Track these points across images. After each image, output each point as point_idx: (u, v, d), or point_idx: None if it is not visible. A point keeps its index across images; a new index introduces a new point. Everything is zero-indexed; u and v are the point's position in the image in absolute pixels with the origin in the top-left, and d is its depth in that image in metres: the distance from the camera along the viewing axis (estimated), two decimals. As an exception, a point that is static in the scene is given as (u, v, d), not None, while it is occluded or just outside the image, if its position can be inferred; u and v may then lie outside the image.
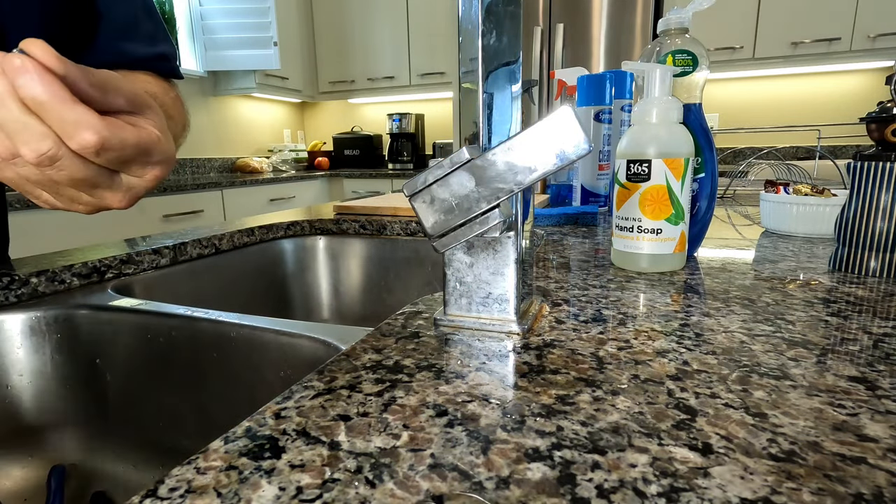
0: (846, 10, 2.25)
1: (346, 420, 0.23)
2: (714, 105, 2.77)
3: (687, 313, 0.37)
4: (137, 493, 0.19)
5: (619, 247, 0.50)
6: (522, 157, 0.29)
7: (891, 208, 0.44)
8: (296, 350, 0.43)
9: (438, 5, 3.02)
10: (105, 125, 0.28)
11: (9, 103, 0.26)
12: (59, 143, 0.27)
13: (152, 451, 0.52)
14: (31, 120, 0.27)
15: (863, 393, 0.25)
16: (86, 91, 0.27)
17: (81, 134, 0.27)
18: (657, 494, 0.18)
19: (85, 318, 0.52)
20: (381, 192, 2.81)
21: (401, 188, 0.38)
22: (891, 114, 0.47)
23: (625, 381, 0.27)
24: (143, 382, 0.51)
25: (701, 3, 0.48)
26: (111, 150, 0.29)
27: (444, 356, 0.30)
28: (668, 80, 0.47)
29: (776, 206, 0.68)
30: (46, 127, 0.27)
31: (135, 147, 0.30)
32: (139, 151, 0.30)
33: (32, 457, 0.51)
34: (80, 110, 0.27)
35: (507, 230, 0.33)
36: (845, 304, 0.39)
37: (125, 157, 0.30)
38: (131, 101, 0.30)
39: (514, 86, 0.35)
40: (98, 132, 0.27)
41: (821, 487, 0.18)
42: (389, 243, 0.87)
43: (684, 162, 0.46)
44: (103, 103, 0.29)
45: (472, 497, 0.18)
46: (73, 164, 0.29)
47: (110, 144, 0.28)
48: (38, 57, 0.25)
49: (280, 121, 3.60)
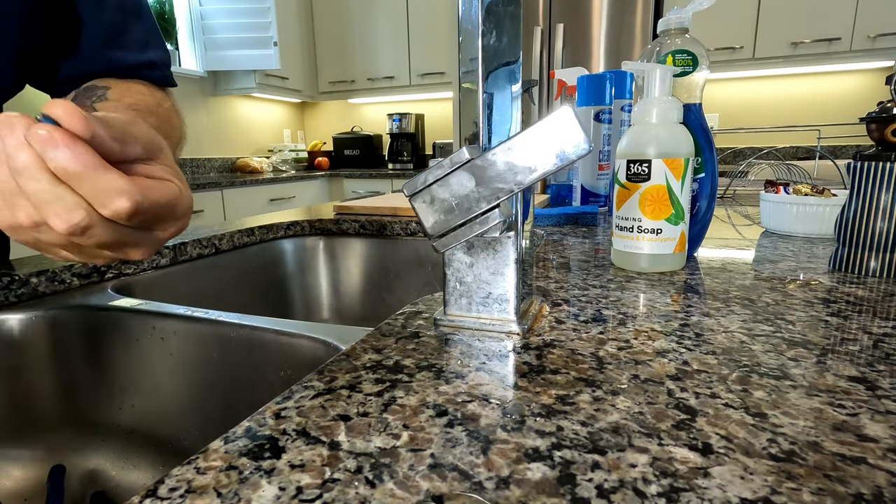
0: (846, 10, 2.25)
1: (346, 420, 0.23)
2: (714, 105, 2.77)
3: (687, 313, 0.37)
4: (137, 493, 0.19)
5: (619, 247, 0.50)
6: (522, 157, 0.29)
7: (891, 208, 0.44)
8: (296, 350, 0.43)
9: (438, 5, 3.02)
10: (137, 188, 0.27)
11: (38, 175, 0.25)
12: (92, 212, 0.26)
13: (152, 451, 0.52)
14: (63, 191, 0.25)
15: (863, 393, 0.25)
16: (109, 147, 0.26)
17: (115, 201, 0.26)
18: (657, 494, 0.18)
19: (85, 318, 0.52)
20: (381, 192, 2.82)
21: (401, 188, 0.38)
22: (891, 114, 0.47)
23: (625, 381, 0.27)
24: (143, 382, 0.51)
25: (701, 3, 0.48)
26: (143, 213, 0.28)
27: (444, 356, 0.30)
28: (668, 80, 0.47)
29: (776, 206, 0.68)
30: (78, 197, 0.26)
31: (163, 206, 0.29)
32: (167, 209, 0.29)
33: (32, 457, 0.51)
34: (112, 176, 0.26)
35: (507, 230, 0.33)
36: (845, 304, 0.39)
37: (155, 217, 0.29)
38: (146, 147, 0.29)
39: (514, 86, 0.35)
40: (132, 198, 0.26)
41: (821, 487, 0.18)
42: (389, 243, 0.87)
43: (684, 162, 0.46)
44: (121, 155, 0.28)
45: (472, 497, 0.18)
46: (105, 230, 0.27)
47: (142, 208, 0.27)
48: (63, 122, 0.24)
49: (280, 121, 3.60)
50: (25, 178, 0.25)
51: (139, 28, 0.55)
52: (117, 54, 0.52)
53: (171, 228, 0.32)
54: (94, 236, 0.27)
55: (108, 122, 0.26)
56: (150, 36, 0.56)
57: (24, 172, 0.25)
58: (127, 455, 0.52)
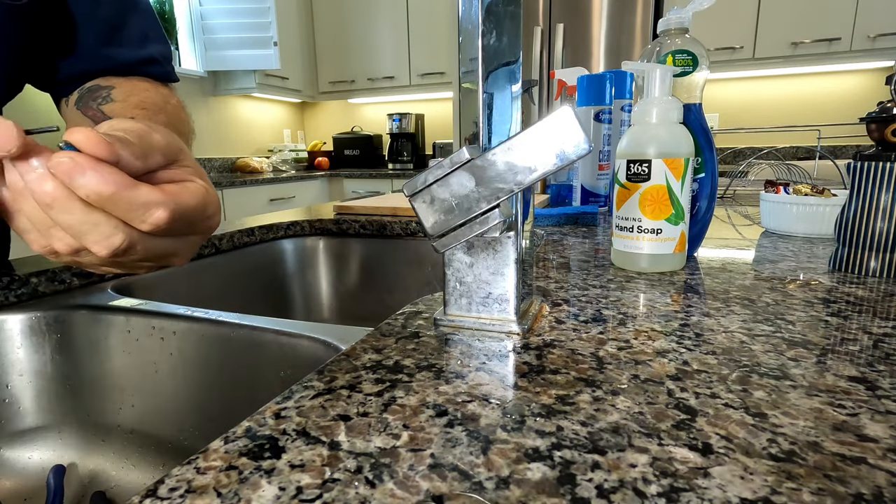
0: (846, 10, 2.25)
1: (346, 420, 0.23)
2: (714, 105, 2.77)
3: (687, 313, 0.37)
4: (137, 493, 0.19)
5: (619, 247, 0.50)
6: (522, 157, 0.29)
7: (891, 208, 0.44)
8: (296, 350, 0.43)
9: (438, 5, 3.02)
10: (168, 196, 0.26)
11: (69, 207, 0.24)
12: (130, 231, 0.26)
13: (152, 451, 0.52)
14: (98, 217, 0.25)
15: (863, 393, 0.25)
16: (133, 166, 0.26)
17: (152, 215, 0.25)
18: (657, 494, 0.18)
19: (85, 318, 0.52)
20: (381, 192, 2.82)
21: (401, 188, 0.38)
22: (891, 114, 0.47)
23: (625, 381, 0.27)
24: (143, 382, 0.51)
25: (701, 3, 0.48)
26: (179, 220, 0.27)
27: (444, 356, 0.30)
28: (668, 80, 0.47)
29: (776, 206, 0.68)
30: (115, 220, 0.25)
31: (194, 209, 0.28)
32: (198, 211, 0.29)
33: (32, 457, 0.51)
34: (143, 192, 0.25)
35: (507, 230, 0.33)
36: (845, 304, 0.39)
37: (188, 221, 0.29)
38: (165, 153, 0.29)
39: (514, 86, 0.35)
40: (167, 207, 0.26)
41: (821, 487, 0.18)
42: (389, 243, 0.87)
43: (684, 162, 0.46)
44: (145, 169, 0.27)
45: (472, 497, 0.18)
46: (144, 244, 0.27)
47: (178, 215, 0.27)
48: (86, 148, 0.23)
49: (280, 121, 3.60)
50: (57, 212, 0.24)
51: (137, 22, 0.54)
52: (115, 51, 0.52)
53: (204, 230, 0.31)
54: (135, 253, 0.27)
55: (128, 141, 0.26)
56: (149, 30, 0.55)
57: (55, 205, 0.24)
58: (127, 455, 0.52)
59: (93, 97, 0.48)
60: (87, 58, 0.51)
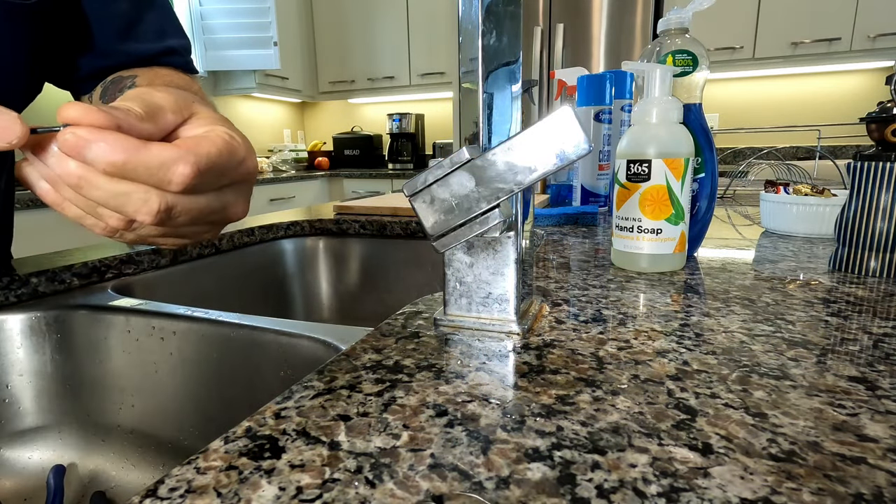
0: (846, 10, 2.25)
1: (346, 420, 0.23)
2: (714, 105, 2.77)
3: (687, 313, 0.37)
4: (137, 493, 0.19)
5: (619, 247, 0.50)
6: (522, 157, 0.29)
7: (891, 208, 0.44)
8: (296, 350, 0.43)
9: (438, 5, 3.02)
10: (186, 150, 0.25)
11: (97, 182, 0.24)
12: (163, 194, 0.25)
13: (152, 451, 0.52)
14: (126, 186, 0.25)
15: (863, 393, 0.25)
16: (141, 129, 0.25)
17: (175, 172, 0.25)
18: (657, 494, 0.18)
19: (85, 318, 0.52)
20: (381, 192, 2.82)
21: (401, 188, 0.38)
22: (891, 114, 0.47)
23: (625, 381, 0.27)
24: (143, 382, 0.51)
25: (701, 3, 0.48)
26: (208, 172, 0.26)
27: (444, 356, 0.30)
28: (668, 80, 0.47)
29: (776, 206, 0.68)
30: (144, 185, 0.25)
31: (220, 155, 0.27)
32: (226, 157, 0.28)
33: (32, 457, 0.51)
34: (157, 151, 0.24)
35: (507, 230, 0.33)
36: (845, 304, 0.39)
37: (220, 171, 0.28)
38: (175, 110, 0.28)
39: (514, 86, 0.35)
40: (186, 161, 0.25)
41: (821, 487, 0.18)
42: (389, 243, 0.87)
43: (684, 162, 0.46)
44: (158, 131, 0.26)
45: (472, 497, 0.18)
46: (187, 203, 0.27)
47: (204, 167, 0.26)
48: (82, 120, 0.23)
49: (280, 121, 3.60)
50: (87, 190, 0.24)
51: (154, 18, 0.53)
52: (133, 46, 0.51)
53: (243, 175, 0.30)
54: (182, 213, 0.27)
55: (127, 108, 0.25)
56: (167, 24, 0.54)
57: (83, 184, 0.24)
58: (127, 455, 0.52)
59: (117, 88, 0.47)
60: (106, 53, 0.51)
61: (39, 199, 0.32)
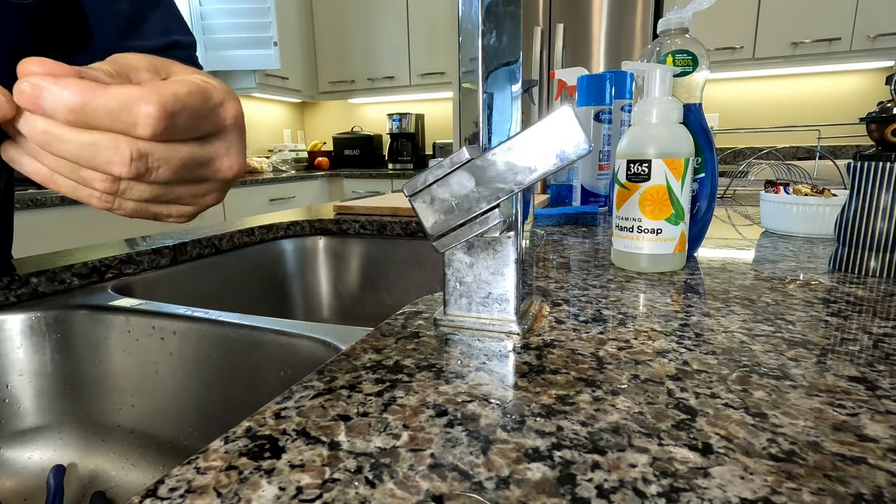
0: (846, 10, 2.25)
1: (346, 420, 0.23)
2: (714, 105, 2.77)
3: (687, 313, 0.37)
4: (137, 493, 0.19)
5: (619, 247, 0.50)
6: (522, 157, 0.29)
7: (891, 208, 0.44)
8: (296, 350, 0.43)
9: (438, 5, 3.02)
10: (149, 90, 0.24)
11: (62, 134, 0.23)
12: (133, 140, 0.24)
13: (152, 451, 0.52)
14: (92, 136, 0.24)
15: (863, 393, 0.25)
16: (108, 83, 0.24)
17: (139, 113, 0.23)
18: (657, 494, 0.18)
19: (85, 318, 0.52)
20: (381, 192, 2.82)
21: (401, 188, 0.38)
22: (891, 114, 0.47)
23: (625, 381, 0.27)
24: (143, 382, 0.51)
25: (701, 3, 0.48)
26: (179, 114, 0.25)
27: (444, 356, 0.30)
28: (668, 80, 0.47)
29: (776, 206, 0.68)
30: (108, 133, 0.24)
31: (192, 98, 0.26)
32: (201, 101, 0.27)
33: (32, 457, 0.51)
34: (115, 90, 0.23)
35: (507, 230, 0.33)
36: (845, 304, 0.39)
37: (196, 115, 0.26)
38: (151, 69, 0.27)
39: (514, 86, 0.35)
40: (150, 100, 0.24)
41: (821, 487, 0.18)
42: (389, 243, 0.87)
43: (684, 162, 0.46)
44: None
45: (472, 497, 0.18)
46: (163, 152, 0.26)
47: (172, 108, 0.25)
48: (42, 71, 0.23)
49: (280, 121, 3.60)
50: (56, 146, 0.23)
51: (158, 16, 0.53)
52: (137, 44, 0.51)
53: (226, 119, 0.29)
54: (161, 163, 0.26)
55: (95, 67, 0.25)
56: (171, 22, 0.54)
57: (50, 140, 0.23)
58: (127, 455, 0.52)
59: None
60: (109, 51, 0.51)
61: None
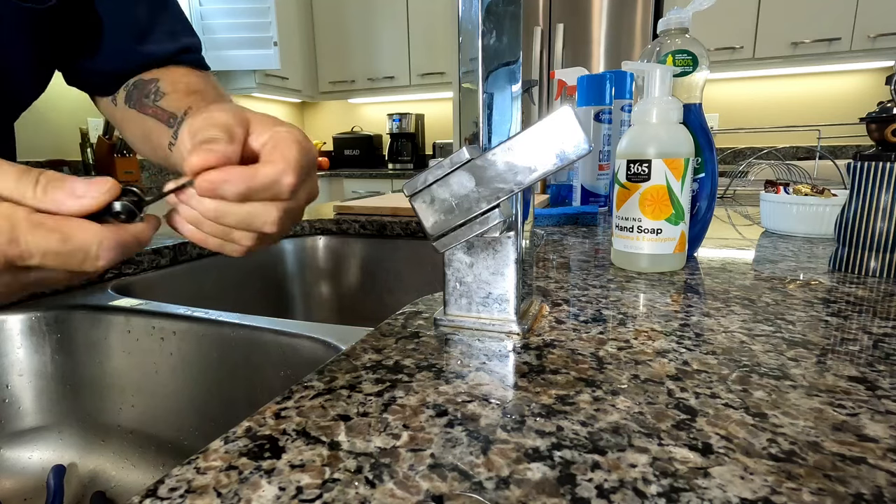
0: (846, 10, 2.25)
1: (346, 420, 0.23)
2: (714, 105, 2.77)
3: (687, 313, 0.37)
4: (137, 493, 0.19)
5: (619, 247, 0.50)
6: (522, 157, 0.29)
7: (891, 208, 0.44)
8: (296, 350, 0.43)
9: (438, 5, 3.02)
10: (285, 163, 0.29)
11: (229, 210, 0.28)
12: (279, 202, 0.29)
13: (152, 451, 0.52)
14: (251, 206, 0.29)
15: (863, 393, 0.25)
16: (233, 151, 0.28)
17: (284, 183, 0.28)
18: (657, 494, 0.18)
19: (85, 318, 0.52)
20: (381, 192, 2.82)
21: (401, 188, 0.38)
22: (891, 114, 0.47)
23: (625, 381, 0.27)
24: (144, 382, 0.51)
25: (701, 3, 0.48)
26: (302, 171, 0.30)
27: (444, 356, 0.30)
28: (668, 80, 0.47)
29: (776, 206, 0.68)
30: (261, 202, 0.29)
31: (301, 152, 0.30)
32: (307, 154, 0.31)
33: (32, 457, 0.51)
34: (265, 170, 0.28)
35: (507, 230, 0.33)
36: (845, 304, 0.39)
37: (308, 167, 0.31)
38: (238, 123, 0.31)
39: (514, 86, 0.35)
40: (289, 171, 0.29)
41: (821, 487, 0.18)
42: (389, 243, 0.87)
43: (684, 162, 0.46)
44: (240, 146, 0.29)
45: (472, 497, 0.18)
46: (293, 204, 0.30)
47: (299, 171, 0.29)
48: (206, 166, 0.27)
49: (280, 121, 3.60)
50: (224, 219, 0.29)
51: (167, 19, 0.55)
52: (150, 48, 0.53)
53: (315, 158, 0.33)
54: (292, 214, 0.31)
55: (214, 137, 0.28)
56: (178, 25, 0.56)
57: (220, 216, 0.28)
58: (127, 455, 0.52)
59: (143, 94, 0.49)
60: (123, 56, 0.52)
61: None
